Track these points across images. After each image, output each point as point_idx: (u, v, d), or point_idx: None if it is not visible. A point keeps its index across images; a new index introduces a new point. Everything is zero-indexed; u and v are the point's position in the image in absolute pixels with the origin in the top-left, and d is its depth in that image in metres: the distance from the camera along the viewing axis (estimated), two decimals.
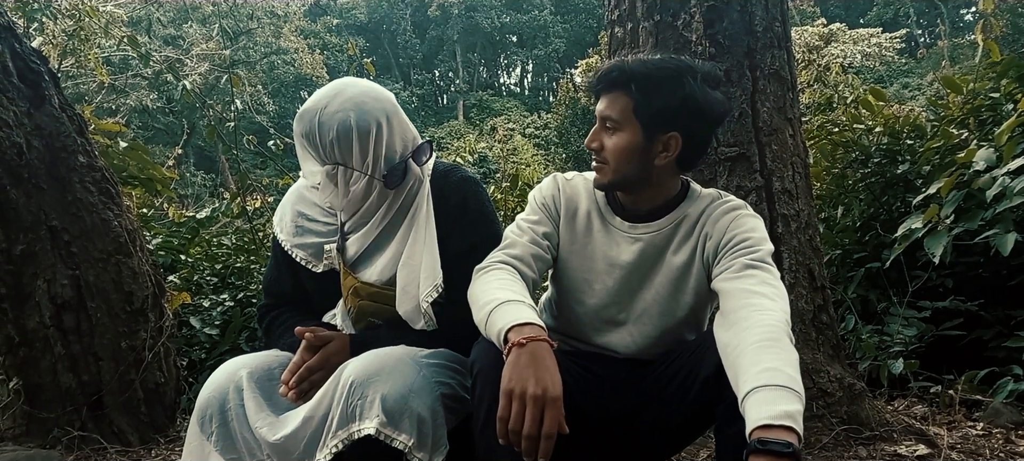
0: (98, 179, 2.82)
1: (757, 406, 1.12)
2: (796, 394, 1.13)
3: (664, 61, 1.47)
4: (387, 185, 1.58)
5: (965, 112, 3.52)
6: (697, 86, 1.43)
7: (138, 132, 21.73)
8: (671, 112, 1.44)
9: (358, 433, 1.34)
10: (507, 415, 1.21)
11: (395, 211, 1.62)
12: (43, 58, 2.86)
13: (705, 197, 1.57)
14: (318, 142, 1.54)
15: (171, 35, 26.75)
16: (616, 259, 1.56)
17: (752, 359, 1.20)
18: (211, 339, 3.91)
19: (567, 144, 29.87)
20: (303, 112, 1.56)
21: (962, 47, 20.75)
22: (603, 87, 1.50)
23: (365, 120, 1.52)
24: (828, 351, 2.50)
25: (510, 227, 1.63)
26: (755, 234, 1.46)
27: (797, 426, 1.09)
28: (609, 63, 1.51)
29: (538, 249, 1.57)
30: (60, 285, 2.68)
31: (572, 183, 1.65)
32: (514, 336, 1.26)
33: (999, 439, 2.49)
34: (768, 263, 1.42)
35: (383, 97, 1.58)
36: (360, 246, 1.64)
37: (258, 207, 5.40)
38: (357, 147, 1.53)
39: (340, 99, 1.54)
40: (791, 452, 1.07)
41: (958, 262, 3.22)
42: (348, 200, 1.59)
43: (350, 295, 1.63)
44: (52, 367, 2.69)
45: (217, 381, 1.56)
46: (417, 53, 52.96)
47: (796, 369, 1.18)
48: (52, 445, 2.65)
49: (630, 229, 1.56)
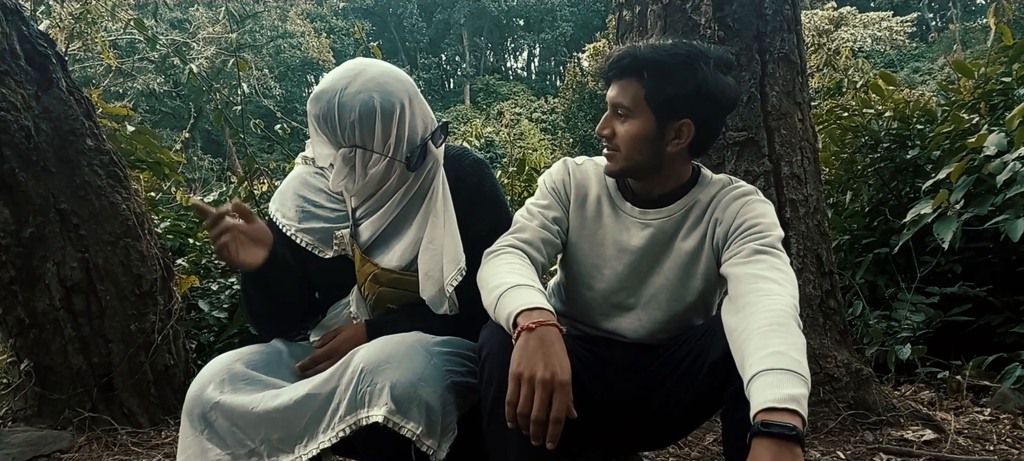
0: (106, 162, 2.83)
1: (762, 389, 1.12)
2: (801, 378, 1.13)
3: (676, 47, 1.46)
4: (409, 167, 1.55)
5: (976, 97, 3.49)
6: (709, 72, 1.42)
7: (145, 116, 21.77)
8: (683, 99, 1.43)
9: (366, 419, 1.34)
10: (516, 399, 1.21)
11: (412, 195, 1.61)
12: (50, 41, 2.86)
13: (716, 183, 1.56)
14: (337, 124, 1.51)
15: (177, 18, 26.74)
16: (626, 244, 1.56)
17: (758, 343, 1.19)
18: (219, 322, 3.92)
19: (574, 129, 29.79)
20: (320, 93, 1.53)
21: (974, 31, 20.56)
22: (615, 73, 1.48)
23: (389, 101, 1.50)
24: (835, 336, 2.50)
25: (520, 211, 1.62)
26: (765, 220, 1.46)
27: (801, 410, 1.09)
28: (620, 49, 1.50)
29: (548, 234, 1.57)
30: (69, 268, 2.69)
31: (582, 168, 1.64)
32: (523, 320, 1.26)
33: (1006, 424, 2.49)
34: (777, 248, 1.41)
35: (404, 78, 1.56)
36: (375, 231, 1.61)
37: (265, 191, 5.41)
38: (380, 128, 1.50)
39: (362, 80, 1.50)
40: (795, 435, 1.06)
41: (967, 248, 3.21)
42: (365, 183, 1.56)
43: (368, 282, 1.62)
44: (62, 349, 2.71)
45: (194, 391, 1.50)
46: (424, 37, 52.84)
47: (802, 353, 1.18)
48: (63, 426, 2.68)
49: (640, 214, 1.56)
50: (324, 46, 36.83)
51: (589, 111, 29.04)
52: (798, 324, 1.24)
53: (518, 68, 59.63)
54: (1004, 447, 2.27)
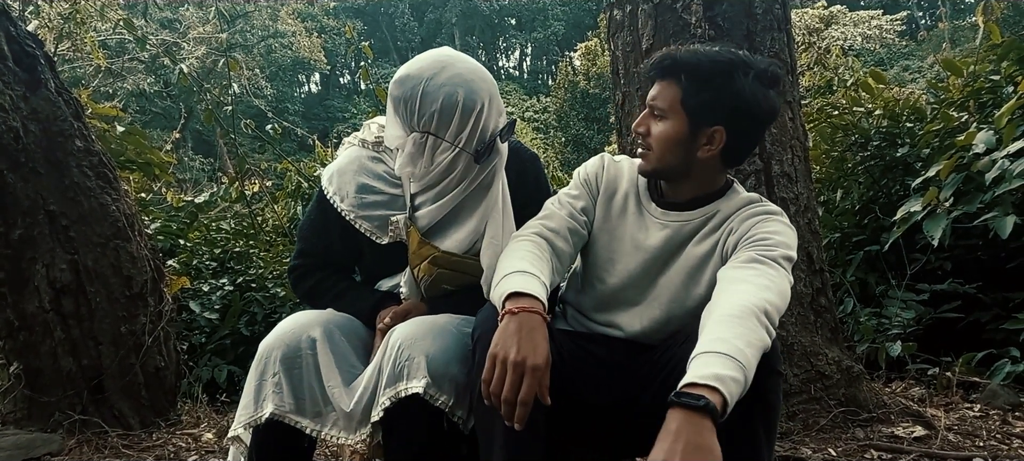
0: (95, 163, 2.81)
1: (692, 368, 1.14)
2: (736, 363, 1.13)
3: (718, 53, 1.46)
4: (476, 160, 1.61)
5: (965, 95, 3.51)
6: (748, 82, 1.43)
7: (135, 116, 21.64)
8: (718, 106, 1.44)
9: (405, 391, 1.42)
10: (490, 378, 1.26)
11: (475, 186, 1.66)
12: (39, 41, 2.84)
13: (743, 198, 1.56)
14: (417, 109, 1.56)
15: (167, 18, 26.56)
16: (642, 243, 1.57)
17: (708, 332, 1.21)
18: (211, 323, 3.91)
19: (566, 128, 29.81)
20: (405, 78, 1.58)
21: (963, 29, 20.67)
22: (655, 74, 1.51)
23: (473, 98, 1.55)
24: (826, 334, 2.51)
25: (550, 199, 1.67)
26: (776, 237, 1.44)
27: (723, 388, 1.09)
28: (664, 50, 1.52)
29: (574, 223, 1.60)
30: (59, 269, 2.67)
31: (618, 164, 1.67)
32: (509, 304, 1.31)
33: (996, 420, 2.51)
34: (778, 262, 1.39)
35: (488, 77, 1.62)
36: (433, 217, 1.67)
37: (256, 191, 5.39)
38: (457, 121, 1.56)
39: (449, 72, 1.56)
40: (704, 406, 1.07)
41: (957, 245, 3.23)
42: (431, 171, 1.62)
43: (426, 264, 1.67)
44: (52, 351, 2.70)
45: (286, 329, 1.61)
46: (415, 36, 52.68)
47: (749, 344, 1.17)
48: (53, 429, 2.66)
49: (662, 215, 1.57)
50: (315, 46, 36.72)
51: (581, 110, 29.07)
52: (760, 321, 1.23)
53: (510, 67, 59.55)
54: (994, 443, 2.28)
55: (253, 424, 1.56)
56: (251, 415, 1.56)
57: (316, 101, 46.24)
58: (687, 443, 1.07)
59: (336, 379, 1.55)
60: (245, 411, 1.57)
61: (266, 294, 4.13)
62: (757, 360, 1.18)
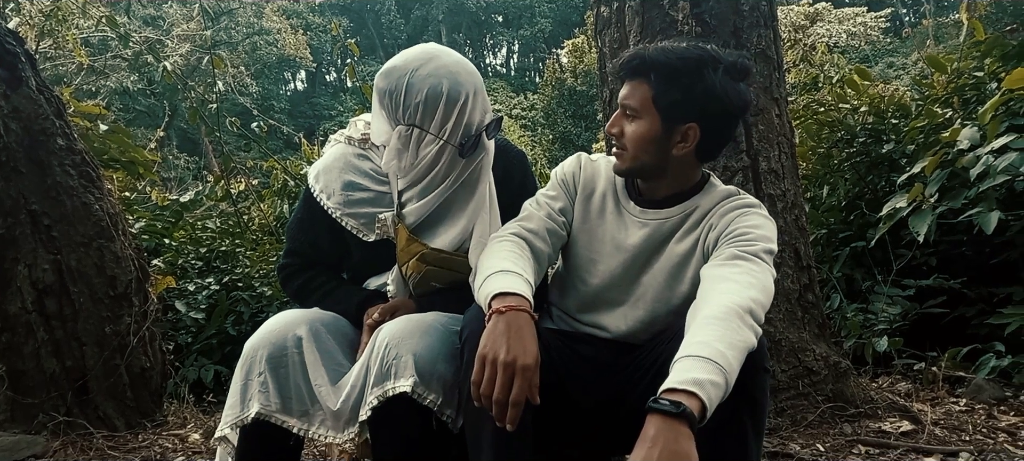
0: (78, 162, 2.78)
1: (673, 373, 1.14)
2: (716, 366, 1.13)
3: (687, 51, 1.46)
4: (461, 154, 1.62)
5: (949, 91, 3.53)
6: (718, 77, 1.43)
7: (119, 114, 21.41)
8: (690, 103, 1.44)
9: (393, 390, 1.42)
10: (480, 379, 1.25)
11: (461, 183, 1.67)
12: (19, 39, 2.80)
13: (721, 192, 1.56)
14: (401, 101, 1.57)
15: (151, 15, 26.30)
16: (623, 242, 1.57)
17: (690, 335, 1.21)
18: (197, 323, 3.88)
19: (554, 125, 29.79)
20: (390, 70, 1.59)
21: (947, 26, 20.82)
22: (625, 74, 1.51)
23: (457, 90, 1.57)
24: (813, 330, 2.52)
25: (529, 201, 1.66)
26: (756, 230, 1.44)
27: (702, 393, 1.09)
28: (633, 49, 1.52)
29: (553, 224, 1.60)
30: (41, 270, 2.64)
31: (594, 164, 1.67)
32: (496, 304, 1.30)
33: (981, 415, 2.53)
34: (760, 257, 1.39)
35: (474, 71, 1.63)
36: (421, 214, 1.67)
37: (242, 190, 5.35)
38: (441, 113, 1.57)
39: (434, 64, 1.57)
40: (681, 413, 1.07)
41: (942, 241, 3.25)
42: (416, 165, 1.62)
43: (414, 261, 1.66)
44: (35, 352, 2.66)
45: (272, 328, 1.61)
46: (402, 33, 52.47)
47: (731, 346, 1.17)
48: (37, 430, 2.63)
49: (640, 214, 1.57)
50: (301, 43, 36.49)
51: (569, 107, 29.05)
52: (745, 320, 1.23)
53: (497, 65, 59.43)
54: (980, 437, 2.30)
55: (240, 424, 1.55)
56: (237, 415, 1.55)
57: (302, 99, 45.98)
58: (663, 449, 1.06)
59: (323, 378, 1.55)
60: (231, 411, 1.56)
61: (252, 293, 4.10)
62: (741, 362, 1.18)
